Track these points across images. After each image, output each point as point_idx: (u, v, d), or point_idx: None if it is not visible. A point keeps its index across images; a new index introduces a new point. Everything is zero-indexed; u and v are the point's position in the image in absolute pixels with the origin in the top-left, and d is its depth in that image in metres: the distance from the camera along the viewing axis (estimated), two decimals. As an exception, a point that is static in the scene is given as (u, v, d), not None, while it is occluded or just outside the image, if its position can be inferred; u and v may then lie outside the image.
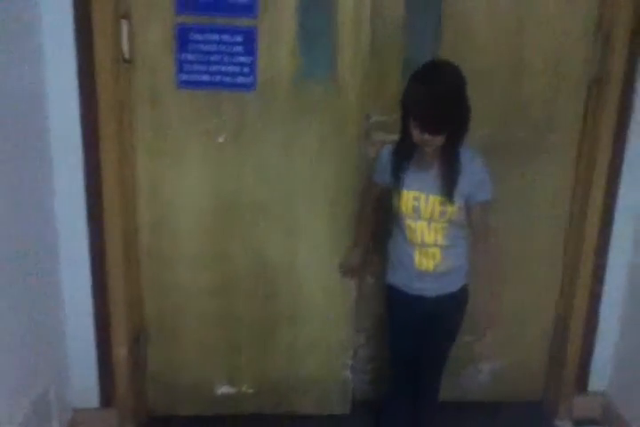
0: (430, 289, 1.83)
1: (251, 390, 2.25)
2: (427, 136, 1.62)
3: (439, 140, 1.63)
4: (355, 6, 1.89)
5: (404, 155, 1.76)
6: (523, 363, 2.34)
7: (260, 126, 1.97)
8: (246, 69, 1.92)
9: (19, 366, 1.70)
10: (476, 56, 1.98)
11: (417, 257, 1.80)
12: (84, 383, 2.10)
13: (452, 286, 1.84)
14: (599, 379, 2.29)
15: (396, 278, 1.89)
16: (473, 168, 1.72)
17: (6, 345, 1.62)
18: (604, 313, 2.22)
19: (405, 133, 1.69)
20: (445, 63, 1.63)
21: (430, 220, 1.76)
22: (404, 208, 1.78)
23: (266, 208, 2.05)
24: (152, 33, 1.88)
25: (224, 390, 2.25)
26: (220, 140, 1.97)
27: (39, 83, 1.81)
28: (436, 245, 1.78)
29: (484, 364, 2.32)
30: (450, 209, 1.73)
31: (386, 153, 1.82)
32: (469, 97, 1.63)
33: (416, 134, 1.63)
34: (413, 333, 1.89)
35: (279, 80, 1.93)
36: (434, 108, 1.57)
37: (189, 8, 1.86)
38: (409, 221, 1.78)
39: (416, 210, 1.76)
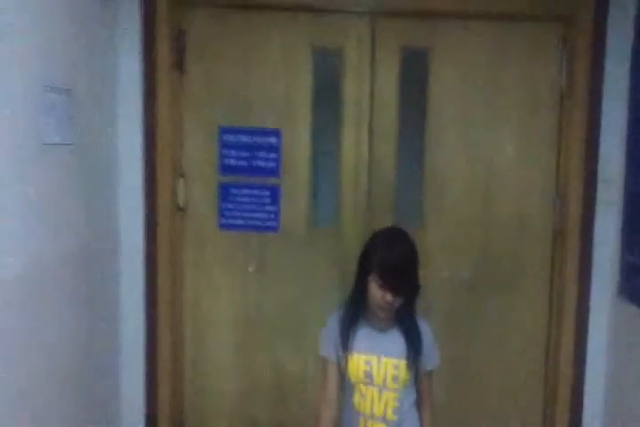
0: None
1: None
2: (388, 297, 1.66)
3: (398, 302, 1.69)
4: (355, 172, 2.40)
5: (356, 313, 1.77)
6: None
7: (281, 260, 2.45)
8: (272, 216, 2.44)
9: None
10: (453, 211, 2.41)
11: None
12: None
13: None
14: None
15: None
16: (425, 335, 1.78)
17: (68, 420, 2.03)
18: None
19: (358, 295, 1.75)
20: (403, 230, 1.81)
21: (383, 387, 1.73)
22: (354, 373, 1.74)
23: (281, 327, 2.47)
24: (201, 188, 2.44)
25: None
26: (250, 269, 2.47)
27: (115, 228, 2.36)
28: (384, 419, 1.74)
29: None
30: (403, 374, 1.73)
31: (333, 321, 1.82)
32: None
33: (379, 296, 1.67)
34: None
35: (296, 225, 2.43)
36: (403, 268, 1.67)
37: (230, 171, 2.42)
38: (360, 387, 1.75)
39: (368, 375, 1.73)
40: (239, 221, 2.45)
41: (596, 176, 2.32)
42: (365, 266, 1.74)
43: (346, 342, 1.76)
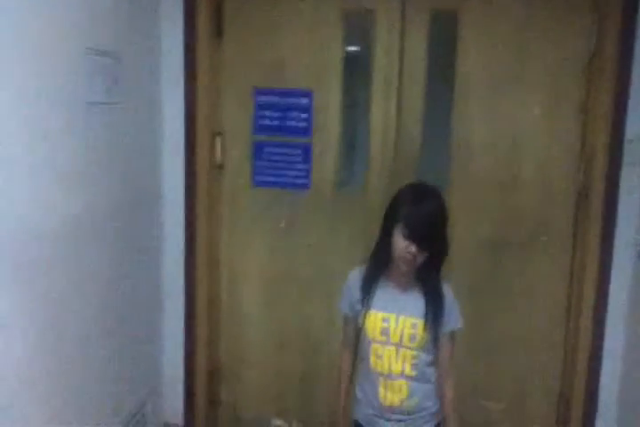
0: None
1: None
2: (413, 248, 1.62)
3: (421, 257, 1.65)
4: (383, 133, 2.47)
5: (378, 269, 1.75)
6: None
7: (311, 216, 2.57)
8: (303, 174, 2.56)
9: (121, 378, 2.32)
10: (478, 173, 2.46)
11: (381, 390, 1.74)
12: (172, 403, 2.73)
13: None
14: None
15: (361, 415, 1.84)
16: (447, 296, 1.75)
17: (114, 359, 2.23)
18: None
19: (382, 249, 1.71)
20: (433, 186, 1.77)
21: (399, 345, 1.72)
22: (371, 330, 1.72)
23: (310, 281, 2.61)
24: (237, 147, 2.58)
25: (278, 423, 2.78)
26: (281, 225, 2.60)
27: (157, 183, 2.55)
28: (402, 375, 1.73)
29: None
30: (420, 333, 1.70)
31: (353, 277, 1.82)
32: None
33: (403, 246, 1.63)
34: None
35: (326, 183, 2.54)
36: (429, 220, 1.64)
37: (263, 130, 2.55)
38: (376, 346, 1.73)
39: (384, 333, 1.71)
40: (272, 179, 2.58)
41: (623, 138, 2.31)
42: (392, 217, 1.69)
43: (365, 299, 1.75)
